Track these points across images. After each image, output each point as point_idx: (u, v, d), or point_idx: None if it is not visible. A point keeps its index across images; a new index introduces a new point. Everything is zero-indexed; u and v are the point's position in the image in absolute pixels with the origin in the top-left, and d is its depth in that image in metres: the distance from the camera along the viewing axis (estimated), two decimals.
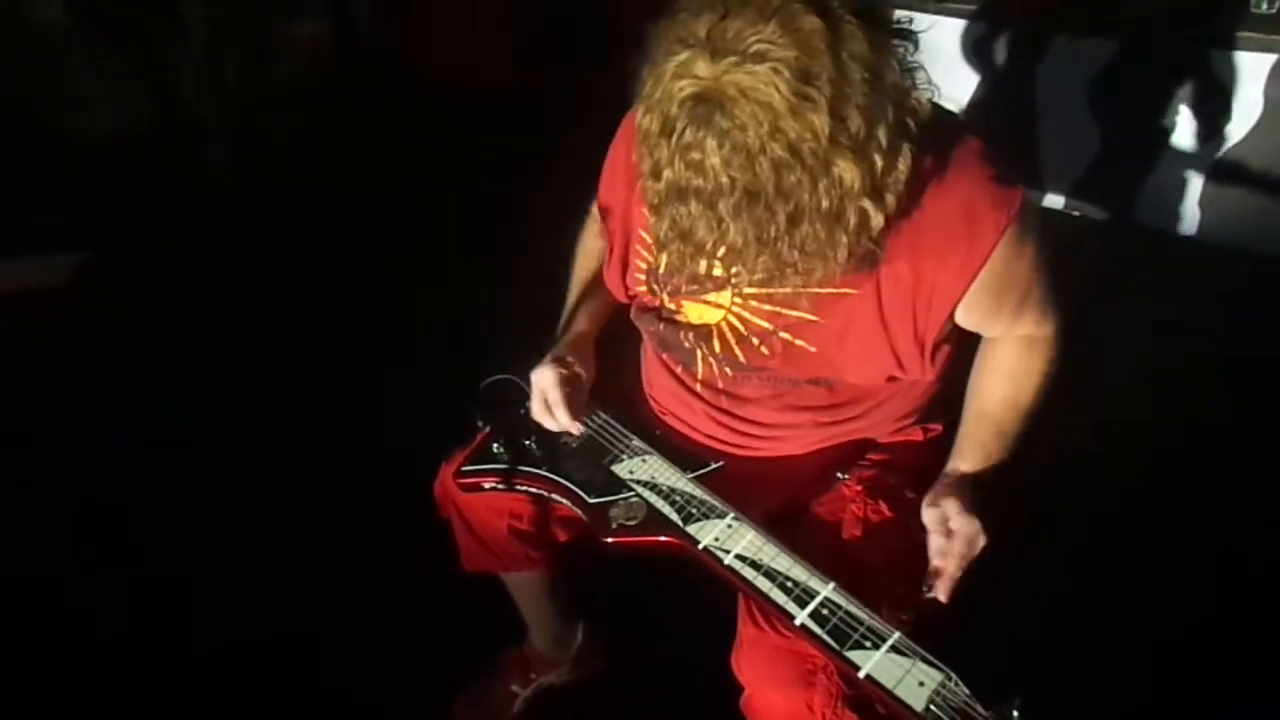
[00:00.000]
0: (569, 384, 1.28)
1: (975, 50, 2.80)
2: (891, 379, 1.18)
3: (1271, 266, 2.49)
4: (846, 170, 0.87)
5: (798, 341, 1.14)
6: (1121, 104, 2.68)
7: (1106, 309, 2.48)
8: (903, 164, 0.92)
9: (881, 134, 0.88)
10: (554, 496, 1.33)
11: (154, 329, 2.63)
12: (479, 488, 1.38)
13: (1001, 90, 2.82)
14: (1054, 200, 2.91)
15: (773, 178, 0.87)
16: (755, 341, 1.17)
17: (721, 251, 0.95)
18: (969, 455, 1.17)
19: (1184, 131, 2.62)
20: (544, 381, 1.29)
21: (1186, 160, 2.64)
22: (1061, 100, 2.74)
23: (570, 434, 1.32)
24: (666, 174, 0.92)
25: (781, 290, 1.01)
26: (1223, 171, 2.59)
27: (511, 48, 3.68)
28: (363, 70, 3.80)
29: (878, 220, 0.93)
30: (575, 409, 1.28)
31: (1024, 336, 1.19)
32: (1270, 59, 2.41)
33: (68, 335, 2.64)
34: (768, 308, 1.14)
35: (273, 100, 3.58)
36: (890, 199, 0.93)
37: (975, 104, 2.86)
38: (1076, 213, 2.89)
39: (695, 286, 1.10)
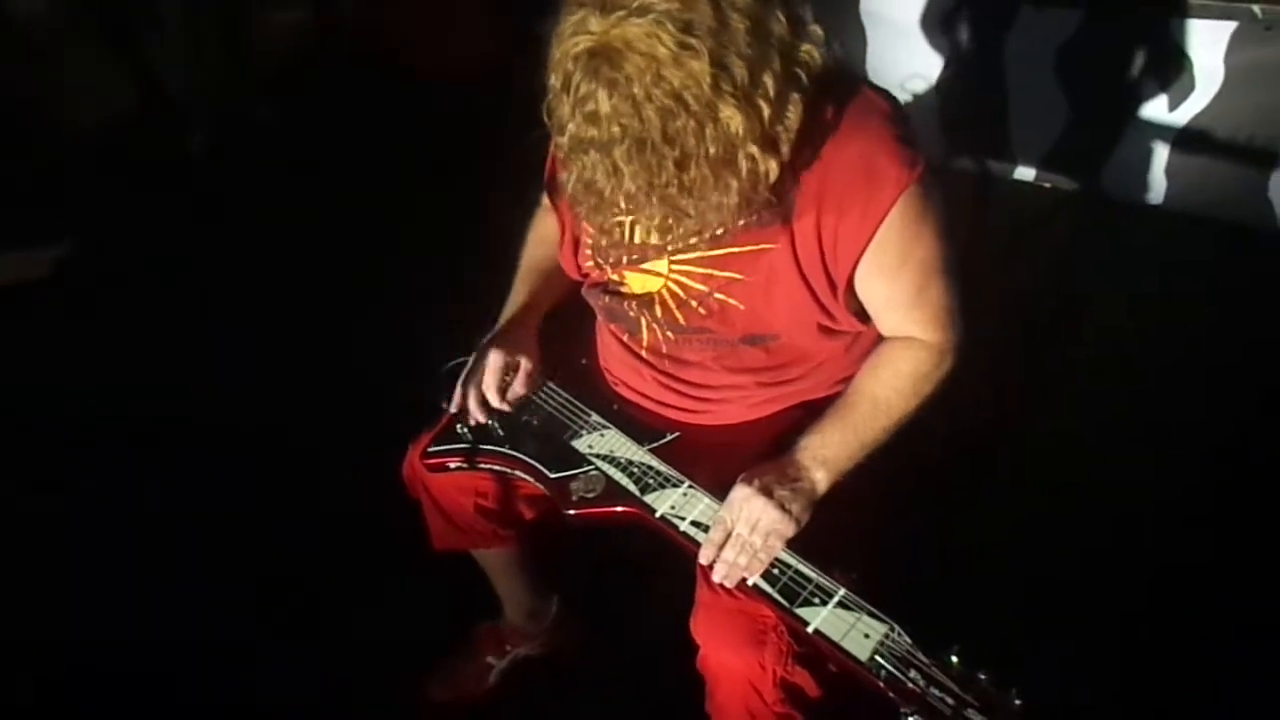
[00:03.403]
0: (502, 369, 1.32)
1: (941, 23, 2.81)
2: (826, 331, 1.21)
3: (1235, 233, 2.52)
4: (733, 118, 0.92)
5: (731, 301, 1.18)
6: (1088, 74, 2.69)
7: (1077, 278, 2.53)
8: (793, 112, 0.96)
9: (768, 83, 0.92)
10: (517, 473, 1.36)
11: (134, 316, 2.65)
12: (445, 468, 1.41)
13: (969, 62, 2.83)
14: (1025, 172, 2.93)
15: (659, 124, 0.92)
16: (694, 304, 1.20)
17: (621, 200, 1.00)
18: (812, 433, 1.16)
19: (1149, 101, 2.63)
20: (491, 362, 1.32)
21: (1152, 130, 2.66)
22: (1029, 71, 2.75)
23: (516, 409, 1.35)
24: (570, 128, 0.97)
25: (711, 253, 1.04)
26: (1187, 140, 2.60)
27: (497, 37, 3.68)
28: (346, 58, 3.80)
29: (770, 167, 0.97)
30: (525, 383, 1.34)
31: (907, 337, 1.19)
32: (1230, 26, 2.42)
33: (52, 327, 2.65)
34: (701, 270, 1.17)
35: (256, 88, 3.59)
36: (785, 147, 0.97)
37: (942, 77, 2.87)
38: (1047, 184, 2.92)
39: (636, 256, 1.13)
